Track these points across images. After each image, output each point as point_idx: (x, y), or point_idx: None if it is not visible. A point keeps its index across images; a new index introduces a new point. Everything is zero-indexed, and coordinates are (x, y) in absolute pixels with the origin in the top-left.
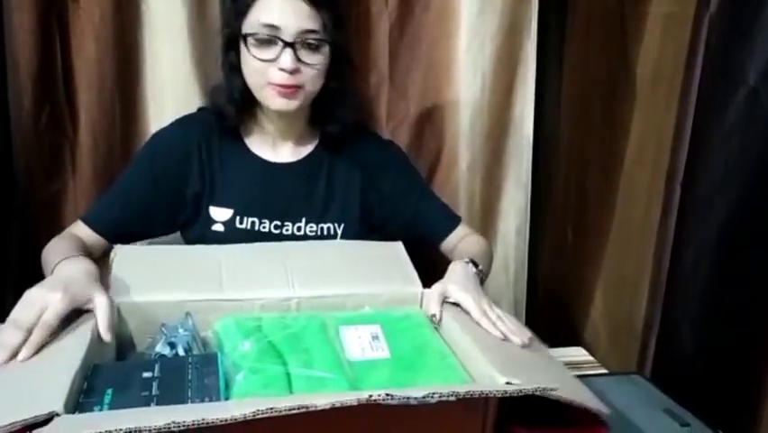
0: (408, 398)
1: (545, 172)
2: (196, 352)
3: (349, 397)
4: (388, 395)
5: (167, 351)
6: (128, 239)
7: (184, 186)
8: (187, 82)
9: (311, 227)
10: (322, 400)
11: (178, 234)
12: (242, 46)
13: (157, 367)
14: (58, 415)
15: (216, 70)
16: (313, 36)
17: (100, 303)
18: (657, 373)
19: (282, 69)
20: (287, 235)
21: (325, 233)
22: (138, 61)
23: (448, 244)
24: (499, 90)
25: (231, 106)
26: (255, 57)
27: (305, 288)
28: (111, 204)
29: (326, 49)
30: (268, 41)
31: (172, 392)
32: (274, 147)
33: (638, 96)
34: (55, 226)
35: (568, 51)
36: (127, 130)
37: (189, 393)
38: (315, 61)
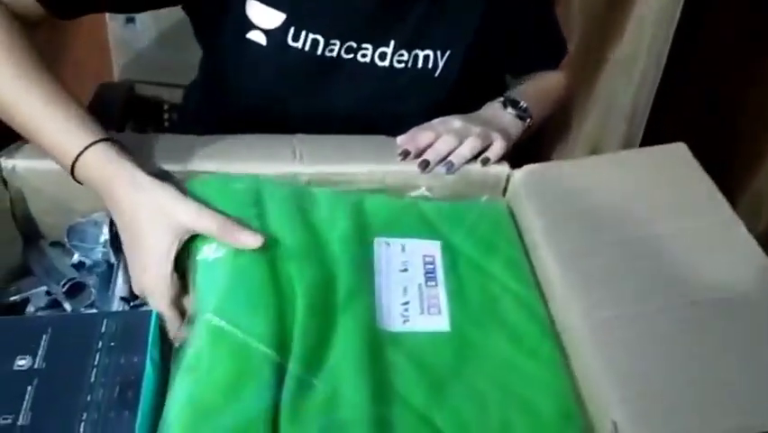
0: None
1: None
2: (118, 292)
3: None
4: None
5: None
6: (90, 5)
7: None
8: None
9: (401, 55)
10: None
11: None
12: None
13: (44, 342)
14: None
15: None
16: None
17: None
18: None
19: None
20: (361, 64)
21: (420, 64)
22: None
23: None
24: None
25: None
26: None
27: (321, 162)
28: None
29: None
30: None
31: (51, 419)
32: None
33: None
34: None
35: None
36: None
37: (82, 428)
38: None
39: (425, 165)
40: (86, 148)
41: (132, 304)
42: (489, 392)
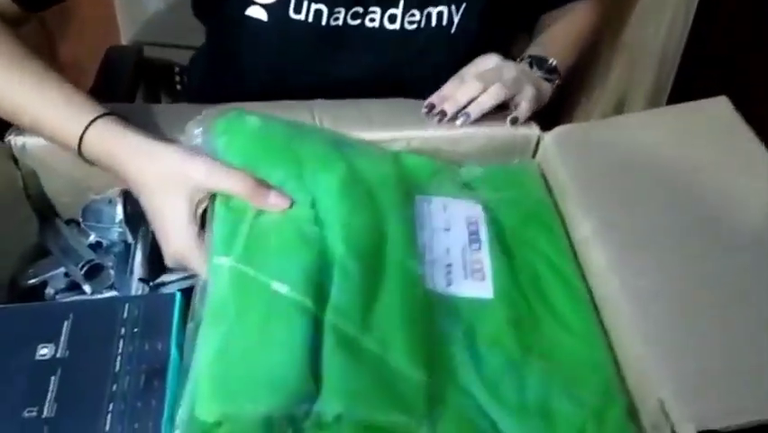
0: None
1: None
2: (136, 273)
3: None
4: None
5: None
6: None
7: None
8: None
9: (412, 15)
10: None
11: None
12: None
13: (65, 330)
14: None
15: None
16: None
17: None
18: None
19: None
20: (370, 30)
21: (434, 22)
22: None
23: (545, 21)
24: None
25: None
26: None
27: (341, 128)
28: None
29: None
30: None
31: (77, 411)
32: None
33: None
34: None
35: None
36: None
37: (109, 420)
38: None
39: (441, 116)
40: (86, 128)
41: (151, 284)
42: (530, 367)
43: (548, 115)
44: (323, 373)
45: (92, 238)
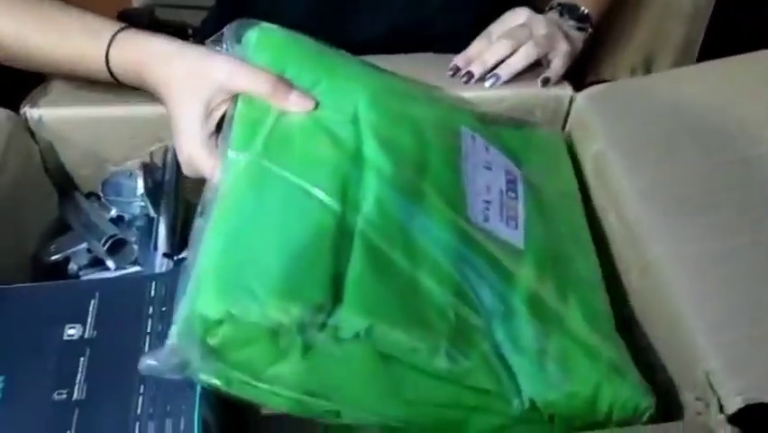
0: None
1: None
2: (161, 248)
3: None
4: None
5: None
6: None
7: None
8: None
9: None
10: None
11: None
12: None
13: (92, 309)
14: None
15: None
16: None
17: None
18: None
19: None
20: None
21: None
22: None
23: None
24: None
25: None
26: None
27: None
28: None
29: None
30: None
31: (108, 393)
32: None
33: None
34: None
35: None
36: None
37: (140, 402)
38: None
39: (468, 77)
40: (109, 44)
41: (175, 259)
42: (551, 323)
43: (573, 68)
44: (346, 283)
45: (113, 212)
